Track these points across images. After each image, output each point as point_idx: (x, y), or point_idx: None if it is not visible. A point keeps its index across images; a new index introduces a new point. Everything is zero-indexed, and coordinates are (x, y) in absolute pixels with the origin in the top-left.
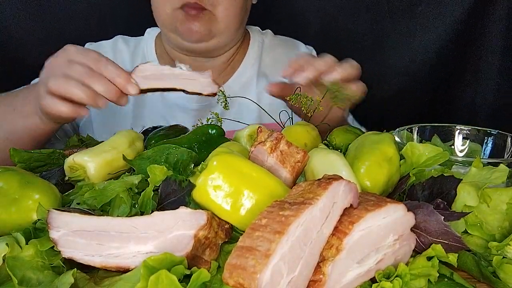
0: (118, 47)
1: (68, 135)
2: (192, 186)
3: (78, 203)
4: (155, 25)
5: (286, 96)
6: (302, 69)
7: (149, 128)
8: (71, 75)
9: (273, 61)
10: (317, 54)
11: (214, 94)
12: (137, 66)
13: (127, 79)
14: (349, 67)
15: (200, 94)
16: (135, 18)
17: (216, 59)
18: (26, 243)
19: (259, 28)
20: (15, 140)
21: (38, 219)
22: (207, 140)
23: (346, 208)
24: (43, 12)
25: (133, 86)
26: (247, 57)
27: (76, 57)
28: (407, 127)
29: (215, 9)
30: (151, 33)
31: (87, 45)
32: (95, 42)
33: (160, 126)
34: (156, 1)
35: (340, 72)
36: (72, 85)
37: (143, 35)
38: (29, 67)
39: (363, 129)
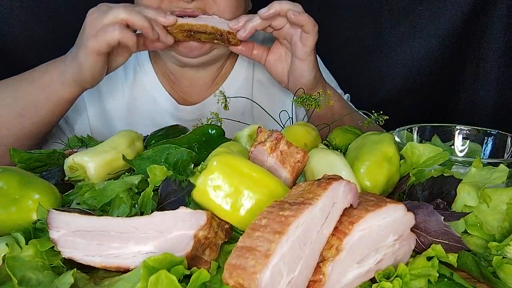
0: None
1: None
2: (192, 186)
3: (78, 203)
4: None
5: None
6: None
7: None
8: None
9: None
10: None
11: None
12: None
13: (164, 12)
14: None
15: (229, 33)
16: None
17: (208, 68)
18: (26, 243)
19: None
20: (29, 116)
21: (38, 219)
22: (207, 140)
23: (346, 208)
24: (41, 12)
25: (171, 16)
26: (239, 59)
27: (111, 7)
28: (407, 127)
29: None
30: None
31: None
32: None
33: None
34: None
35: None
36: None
37: None
38: (27, 68)
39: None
